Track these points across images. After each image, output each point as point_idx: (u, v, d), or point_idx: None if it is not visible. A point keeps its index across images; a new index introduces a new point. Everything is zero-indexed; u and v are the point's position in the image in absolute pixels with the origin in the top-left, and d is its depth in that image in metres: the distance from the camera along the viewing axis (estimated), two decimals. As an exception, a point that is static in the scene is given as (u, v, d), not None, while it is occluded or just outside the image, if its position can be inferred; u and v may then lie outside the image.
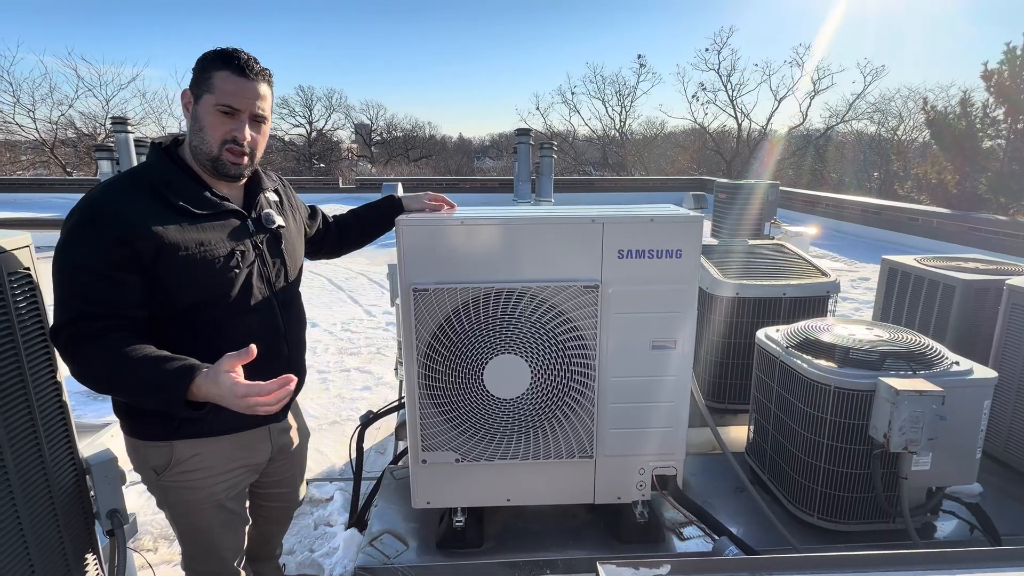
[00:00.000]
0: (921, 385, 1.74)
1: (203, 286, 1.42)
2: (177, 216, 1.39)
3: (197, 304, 1.42)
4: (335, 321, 6.07)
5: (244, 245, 1.51)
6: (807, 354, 2.01)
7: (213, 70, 1.41)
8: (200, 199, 1.45)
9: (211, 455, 1.53)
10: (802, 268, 2.97)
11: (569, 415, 1.86)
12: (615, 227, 1.76)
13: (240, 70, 1.41)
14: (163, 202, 1.39)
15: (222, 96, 1.40)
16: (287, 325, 1.63)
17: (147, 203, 1.37)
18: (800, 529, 2.02)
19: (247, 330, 1.50)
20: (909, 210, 10.40)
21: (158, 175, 1.43)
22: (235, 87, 1.41)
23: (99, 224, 1.31)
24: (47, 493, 1.39)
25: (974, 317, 2.64)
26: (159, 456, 1.49)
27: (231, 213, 1.51)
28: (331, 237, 2.01)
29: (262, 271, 1.55)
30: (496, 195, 15.79)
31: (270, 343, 1.55)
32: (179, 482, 1.52)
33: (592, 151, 32.10)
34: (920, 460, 1.86)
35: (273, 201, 1.68)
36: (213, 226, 1.45)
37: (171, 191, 1.41)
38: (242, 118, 1.43)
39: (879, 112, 25.37)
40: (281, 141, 33.72)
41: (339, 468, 3.25)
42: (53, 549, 1.41)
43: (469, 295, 1.76)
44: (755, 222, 6.71)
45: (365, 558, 1.94)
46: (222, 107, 1.41)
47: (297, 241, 1.73)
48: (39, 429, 1.37)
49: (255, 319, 1.52)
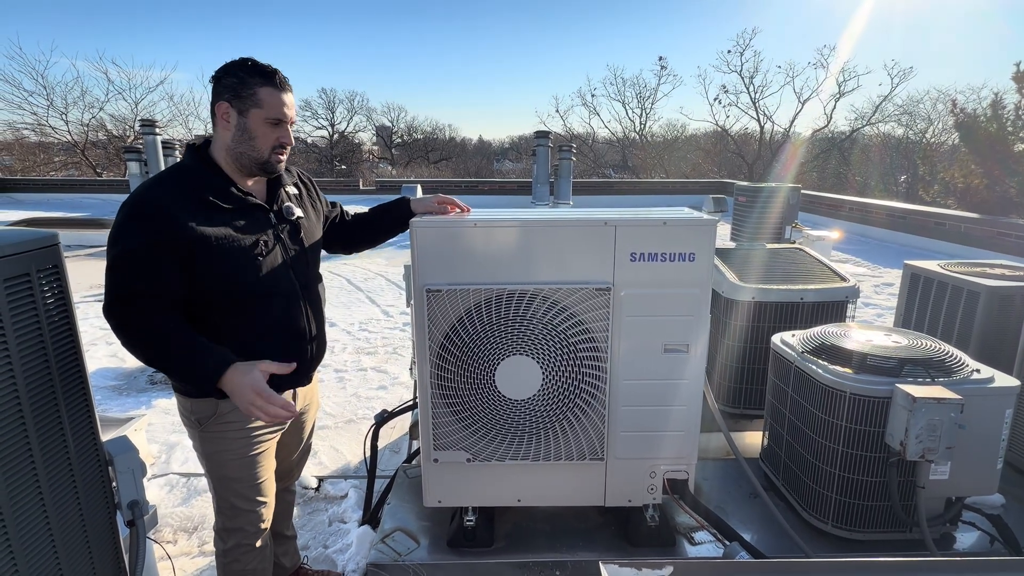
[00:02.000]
0: (939, 392, 1.71)
1: (232, 271, 1.62)
2: (209, 210, 1.60)
3: (229, 287, 1.63)
4: (353, 321, 6.13)
5: (267, 235, 1.70)
6: (823, 359, 1.98)
7: (256, 86, 1.61)
8: (229, 195, 1.65)
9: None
10: (822, 273, 2.93)
11: (580, 417, 1.86)
12: (628, 230, 1.76)
13: (281, 86, 1.64)
14: (198, 198, 1.59)
15: (272, 111, 1.63)
16: (309, 304, 1.83)
17: (185, 199, 1.57)
18: (814, 536, 2.00)
19: (274, 309, 1.72)
20: (936, 214, 10.15)
21: (194, 174, 1.64)
22: (281, 102, 1.64)
23: (145, 217, 1.52)
24: (71, 483, 1.43)
25: (999, 325, 2.58)
26: (206, 408, 1.72)
27: (255, 207, 1.71)
28: (344, 232, 2.16)
29: (285, 257, 1.75)
30: (515, 197, 15.80)
31: (295, 321, 1.78)
32: (219, 432, 1.73)
33: (612, 154, 31.95)
34: (939, 469, 1.83)
35: (293, 195, 1.86)
36: (240, 218, 1.65)
37: (205, 189, 1.61)
38: (286, 125, 1.68)
39: (906, 114, 24.83)
40: (304, 143, 34.16)
41: (354, 466, 3.29)
42: (76, 537, 1.45)
43: (482, 296, 1.78)
44: (775, 226, 6.62)
45: (377, 555, 1.97)
46: (273, 120, 1.64)
47: (316, 230, 1.93)
48: (65, 421, 1.42)
49: (280, 300, 1.73)
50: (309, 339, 1.84)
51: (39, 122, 21.97)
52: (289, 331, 1.78)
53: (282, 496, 2.15)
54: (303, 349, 1.82)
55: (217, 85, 1.64)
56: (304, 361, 1.83)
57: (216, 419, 1.72)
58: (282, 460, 2.04)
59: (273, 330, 1.74)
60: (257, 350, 1.67)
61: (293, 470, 2.17)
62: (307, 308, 1.83)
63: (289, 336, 1.78)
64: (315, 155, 33.27)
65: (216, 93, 1.64)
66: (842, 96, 24.76)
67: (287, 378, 1.78)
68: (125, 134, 22.64)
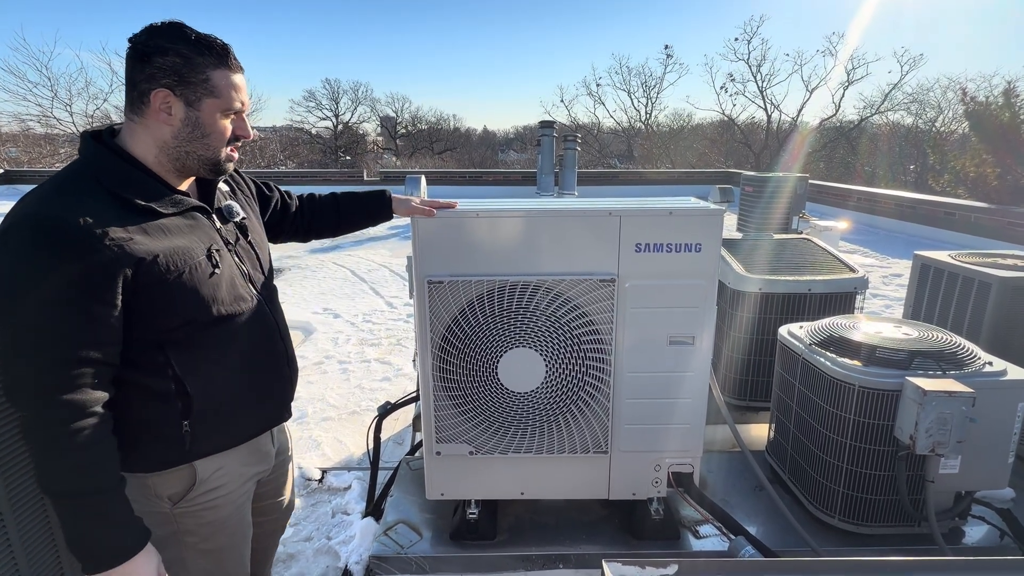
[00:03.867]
0: (950, 386, 1.68)
1: (189, 294, 1.26)
2: (141, 219, 1.21)
3: (185, 315, 1.27)
4: (357, 312, 6.13)
5: (216, 243, 1.36)
6: (831, 352, 1.95)
7: (208, 69, 1.25)
8: (162, 197, 1.27)
9: (232, 466, 1.44)
10: (829, 264, 2.89)
11: (584, 410, 1.84)
12: (633, 220, 1.73)
13: (236, 67, 1.31)
14: (123, 205, 1.19)
15: (228, 100, 1.29)
16: (278, 320, 1.54)
17: (105, 209, 1.16)
18: (820, 530, 1.97)
19: (240, 333, 1.39)
20: (946, 204, 10.03)
21: (110, 174, 1.22)
22: (236, 86, 1.31)
23: (54, 244, 1.08)
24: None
25: (1011, 316, 2.54)
26: (178, 482, 1.35)
27: (195, 209, 1.35)
28: (298, 218, 1.82)
29: (240, 268, 1.43)
30: (519, 188, 15.74)
31: (267, 342, 1.48)
32: (202, 504, 1.38)
33: (617, 144, 31.77)
34: (948, 463, 1.80)
35: (226, 192, 1.52)
36: (180, 226, 1.29)
37: (128, 191, 1.22)
38: (243, 115, 1.36)
39: (916, 103, 24.54)
40: (308, 134, 34.16)
41: (357, 458, 3.29)
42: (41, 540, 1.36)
43: (484, 288, 1.75)
44: (783, 216, 6.55)
45: (379, 547, 1.96)
46: (230, 110, 1.31)
47: (260, 229, 1.61)
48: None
49: (246, 321, 1.41)
50: (285, 360, 1.55)
51: (44, 113, 22.02)
52: (264, 355, 1.47)
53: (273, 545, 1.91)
54: (281, 373, 1.53)
55: (146, 65, 1.21)
56: (283, 388, 1.57)
57: (193, 491, 1.36)
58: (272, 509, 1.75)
59: (243, 359, 1.41)
60: (227, 387, 1.37)
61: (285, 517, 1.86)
62: (277, 323, 1.52)
63: (264, 361, 1.47)
64: (319, 146, 33.24)
65: (149, 76, 1.21)
66: (851, 84, 24.52)
67: (271, 412, 1.52)
68: (129, 125, 22.63)
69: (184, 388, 1.28)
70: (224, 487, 1.41)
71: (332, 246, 9.61)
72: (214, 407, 1.35)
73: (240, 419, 1.41)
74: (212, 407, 1.35)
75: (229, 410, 1.39)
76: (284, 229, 1.82)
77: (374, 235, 10.59)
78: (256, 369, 1.44)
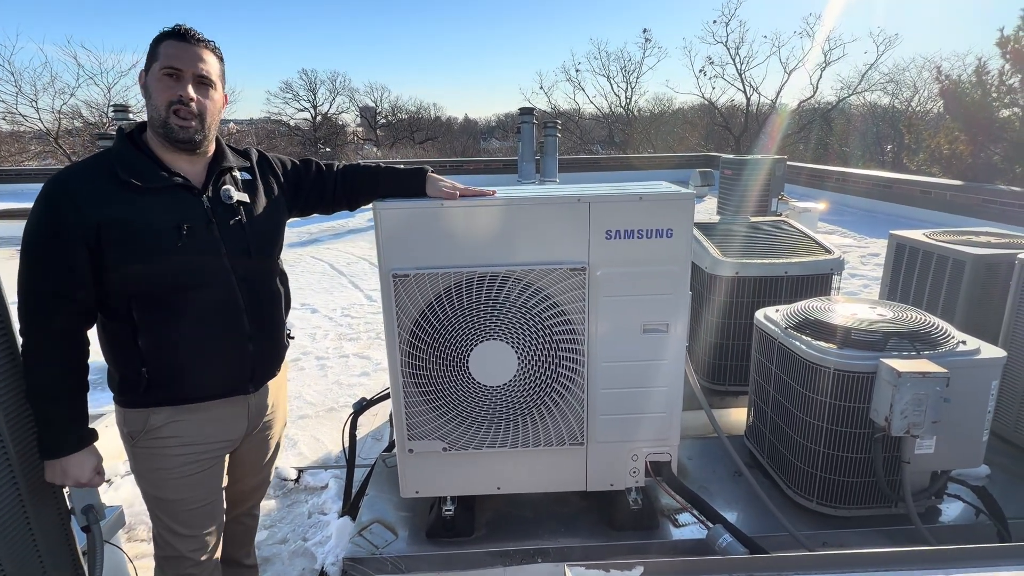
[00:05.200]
0: (925, 366, 1.66)
1: (148, 258, 1.45)
2: (123, 191, 1.44)
3: (145, 277, 1.46)
4: (335, 307, 6.04)
5: (193, 220, 1.50)
6: (806, 335, 1.93)
7: (158, 43, 1.48)
8: (149, 174, 1.48)
9: (186, 425, 1.57)
10: (805, 245, 2.87)
11: (558, 402, 1.80)
12: (602, 206, 1.68)
13: (182, 37, 1.48)
14: (113, 179, 1.44)
15: (165, 60, 1.46)
16: (249, 300, 1.61)
17: (97, 181, 1.44)
18: (799, 514, 1.97)
19: (198, 305, 1.53)
20: (920, 183, 10.14)
21: (115, 154, 1.49)
22: (177, 51, 1.47)
23: (51, 203, 1.40)
24: (15, 489, 1.36)
25: (984, 294, 2.54)
26: (136, 421, 1.56)
27: (181, 188, 1.52)
28: (333, 189, 1.87)
29: (216, 245, 1.54)
30: (501, 176, 15.62)
31: (226, 318, 1.58)
32: (151, 447, 1.56)
33: (598, 130, 31.67)
34: (924, 444, 1.79)
35: (243, 179, 1.66)
36: (160, 200, 1.48)
37: (122, 167, 1.46)
38: (185, 79, 1.47)
39: (892, 83, 24.74)
40: (286, 126, 33.57)
41: (335, 455, 3.23)
42: (24, 546, 1.38)
43: (451, 280, 1.70)
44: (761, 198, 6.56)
45: (353, 548, 1.92)
46: (167, 70, 1.46)
47: (267, 217, 1.69)
48: (2, 424, 1.33)
49: (206, 295, 1.54)
50: (245, 337, 1.62)
51: (8, 110, 21.34)
52: (221, 328, 1.57)
53: (240, 520, 1.97)
54: (238, 348, 1.61)
55: None
56: (241, 362, 1.63)
57: (146, 434, 1.55)
58: (237, 480, 1.83)
59: (198, 327, 1.54)
60: (180, 349, 1.52)
61: (252, 493, 1.95)
62: (245, 303, 1.61)
63: (218, 334, 1.57)
64: (299, 138, 32.71)
65: None
66: (828, 65, 24.63)
67: (227, 382, 1.62)
68: (100, 121, 22.04)
69: (137, 340, 1.48)
70: (176, 439, 1.56)
71: (310, 239, 9.46)
72: (166, 363, 1.51)
73: (192, 380, 1.54)
74: (164, 362, 1.51)
75: (181, 370, 1.53)
76: (324, 201, 1.88)
77: (353, 227, 10.44)
78: (213, 339, 1.56)
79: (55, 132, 21.96)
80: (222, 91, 1.58)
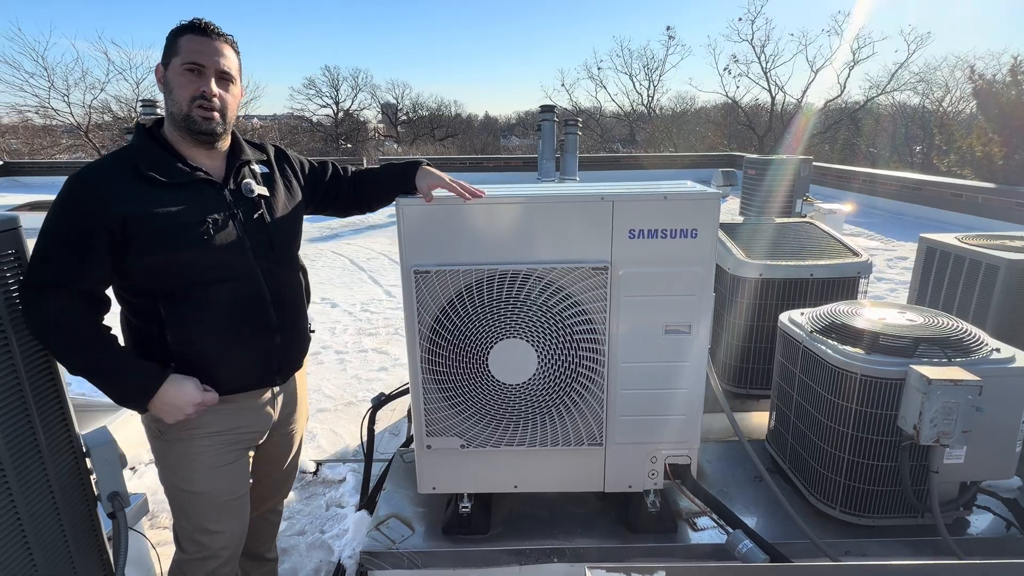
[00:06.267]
0: (956, 374, 1.62)
1: (173, 253, 1.45)
2: (147, 186, 1.44)
3: (171, 272, 1.46)
4: (355, 302, 6.08)
5: (217, 214, 1.51)
6: (832, 339, 1.89)
7: (177, 37, 1.47)
8: (172, 169, 1.48)
9: (214, 417, 1.57)
10: (832, 248, 2.82)
11: (577, 401, 1.79)
12: (626, 205, 1.67)
13: (202, 31, 1.48)
14: (136, 174, 1.44)
15: (187, 55, 1.45)
16: (275, 293, 1.61)
17: (121, 176, 1.43)
18: (820, 522, 1.93)
19: (225, 299, 1.53)
20: (952, 185, 9.88)
21: (135, 150, 1.49)
22: (199, 46, 1.46)
23: (74, 196, 1.40)
24: (44, 477, 1.39)
25: (1019, 300, 2.47)
26: None
27: (204, 182, 1.52)
28: (351, 191, 1.90)
29: (240, 239, 1.54)
30: (520, 174, 15.60)
31: (253, 311, 1.58)
32: (181, 438, 1.55)
33: (620, 128, 31.45)
34: (953, 453, 1.75)
35: (261, 173, 1.66)
36: (183, 195, 1.47)
37: (144, 163, 1.46)
38: (208, 74, 1.48)
39: (923, 82, 24.15)
40: (309, 122, 33.92)
41: (353, 449, 3.26)
42: (52, 532, 1.41)
43: (472, 277, 1.70)
44: (785, 199, 6.45)
45: (370, 542, 1.93)
46: (188, 65, 1.46)
47: (287, 210, 1.69)
48: (33, 413, 1.36)
49: (233, 288, 1.54)
50: (272, 329, 1.62)
51: (41, 104, 21.88)
52: (246, 321, 1.56)
53: (266, 517, 1.96)
54: (265, 341, 1.61)
55: None
56: (269, 354, 1.63)
57: (176, 426, 1.53)
58: (264, 476, 1.83)
59: (226, 321, 1.53)
60: (208, 343, 1.52)
61: (278, 488, 1.94)
62: (271, 296, 1.60)
63: (246, 327, 1.57)
64: (320, 134, 33.02)
65: None
66: (856, 64, 24.18)
67: (254, 375, 1.61)
68: (129, 115, 22.50)
69: (164, 336, 1.47)
70: (205, 429, 1.56)
71: (331, 235, 9.54)
72: (193, 357, 1.51)
73: (220, 374, 1.54)
74: (191, 357, 1.50)
75: (209, 363, 1.53)
76: (336, 203, 1.90)
77: (374, 223, 10.51)
78: (240, 334, 1.56)
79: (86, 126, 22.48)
80: (240, 85, 1.59)
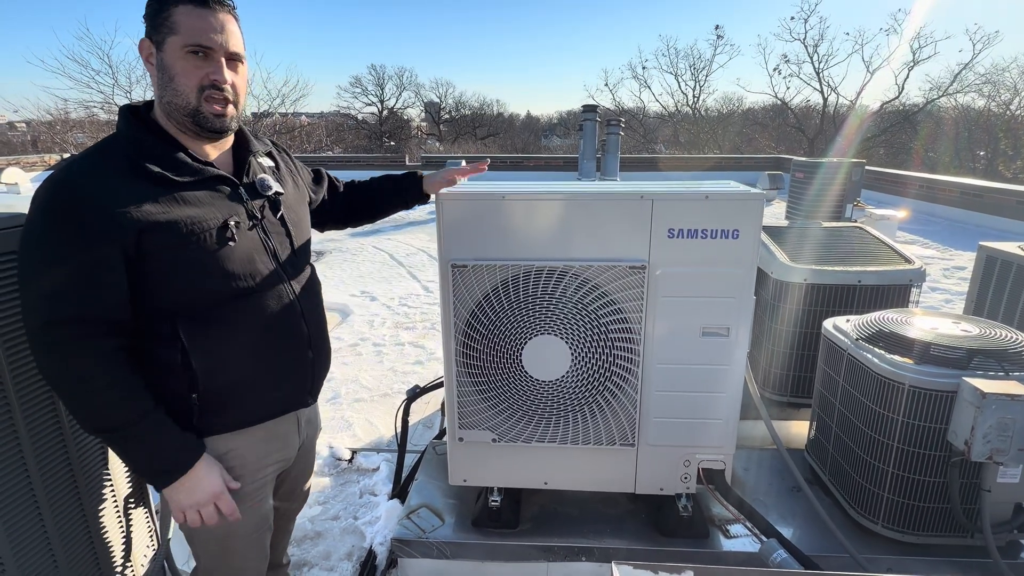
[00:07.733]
0: (1013, 388, 1.53)
1: (198, 265, 1.23)
2: (156, 188, 1.20)
3: (195, 287, 1.25)
4: (393, 296, 6.19)
5: (238, 215, 1.31)
6: (879, 347, 1.82)
7: (170, 6, 1.20)
8: (181, 165, 1.25)
9: (245, 449, 1.39)
10: (883, 254, 2.71)
11: (610, 401, 1.78)
12: (666, 204, 1.65)
13: (204, 3, 1.21)
14: (139, 174, 1.20)
15: (190, 35, 1.20)
16: (303, 302, 1.43)
17: (121, 180, 1.18)
18: (861, 536, 1.86)
19: (255, 311, 1.33)
20: (1016, 192, 9.35)
21: (130, 143, 1.23)
22: (201, 22, 1.20)
23: (70, 213, 1.13)
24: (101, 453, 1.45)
25: (1087, 314, 2.32)
26: None
27: (218, 180, 1.31)
28: (339, 204, 1.79)
29: (264, 243, 1.36)
30: (560, 173, 15.56)
31: (285, 323, 1.39)
32: None
33: (663, 128, 30.98)
34: (1008, 472, 1.66)
35: (268, 166, 1.47)
36: (199, 196, 1.25)
37: (146, 159, 1.21)
38: (217, 57, 1.24)
39: (989, 84, 22.89)
40: (354, 120, 34.66)
41: (387, 439, 3.32)
42: (107, 503, 1.49)
43: (509, 273, 1.71)
44: (835, 203, 6.22)
45: (401, 530, 1.97)
46: (192, 47, 1.21)
47: (300, 208, 1.54)
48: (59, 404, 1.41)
49: (263, 299, 1.34)
50: (306, 343, 1.44)
51: (106, 100, 23.01)
52: (279, 337, 1.38)
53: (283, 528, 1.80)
54: (298, 357, 1.44)
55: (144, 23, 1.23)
56: (303, 372, 1.46)
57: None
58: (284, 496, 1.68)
59: (258, 339, 1.34)
60: (238, 366, 1.31)
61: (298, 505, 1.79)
62: (301, 305, 1.42)
63: (280, 343, 1.38)
64: (365, 132, 33.69)
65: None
66: (916, 64, 23.12)
67: (287, 397, 1.44)
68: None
69: (189, 362, 1.25)
70: (235, 469, 1.36)
71: (373, 230, 9.72)
72: (222, 384, 1.30)
73: (252, 400, 1.35)
74: (220, 384, 1.30)
75: (240, 389, 1.33)
76: (329, 216, 1.79)
77: (413, 219, 10.67)
78: (272, 350, 1.37)
79: (146, 121, 23.51)
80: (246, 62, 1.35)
